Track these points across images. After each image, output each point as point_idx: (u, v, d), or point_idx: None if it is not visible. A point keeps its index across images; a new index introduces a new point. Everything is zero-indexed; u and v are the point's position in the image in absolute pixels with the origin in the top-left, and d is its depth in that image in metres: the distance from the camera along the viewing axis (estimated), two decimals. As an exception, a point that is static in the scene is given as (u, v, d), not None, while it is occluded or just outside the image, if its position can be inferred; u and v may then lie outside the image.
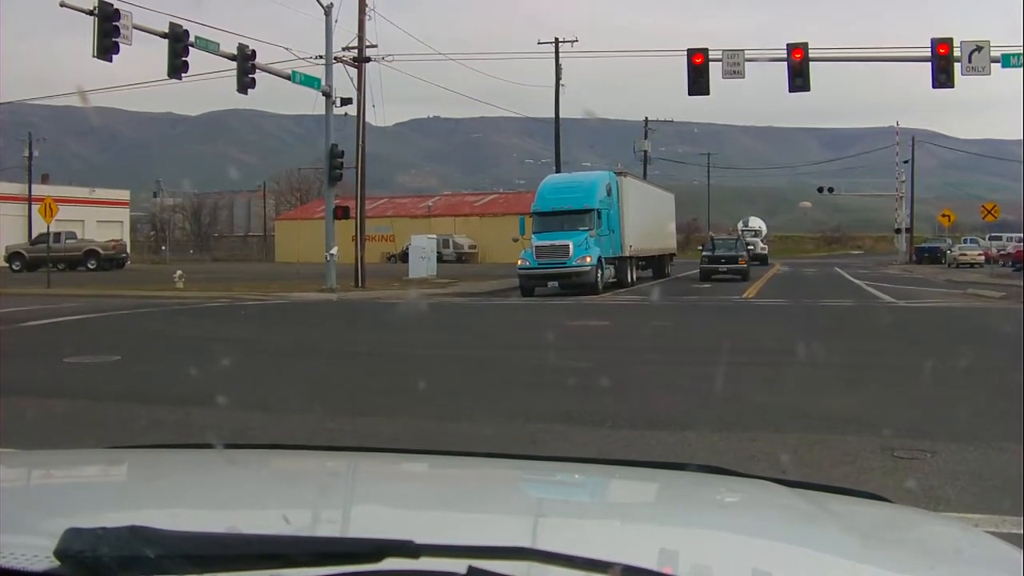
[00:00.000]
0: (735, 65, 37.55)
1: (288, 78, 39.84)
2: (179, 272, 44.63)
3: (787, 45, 37.07)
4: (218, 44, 35.96)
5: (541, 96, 66.62)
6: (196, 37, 34.81)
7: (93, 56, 31.88)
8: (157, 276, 51.18)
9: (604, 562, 1.60)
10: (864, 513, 2.63)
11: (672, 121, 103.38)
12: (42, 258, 72.09)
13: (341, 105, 42.45)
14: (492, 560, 1.60)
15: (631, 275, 46.36)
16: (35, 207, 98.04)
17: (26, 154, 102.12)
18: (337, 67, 42.43)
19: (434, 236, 60.24)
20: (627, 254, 45.62)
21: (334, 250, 42.58)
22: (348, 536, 1.98)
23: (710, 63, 37.49)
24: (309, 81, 41.08)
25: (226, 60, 36.26)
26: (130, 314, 29.25)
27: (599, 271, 40.83)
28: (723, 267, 52.08)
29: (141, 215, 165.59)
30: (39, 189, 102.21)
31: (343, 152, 42.49)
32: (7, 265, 73.99)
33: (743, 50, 37.72)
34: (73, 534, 1.60)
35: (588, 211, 41.66)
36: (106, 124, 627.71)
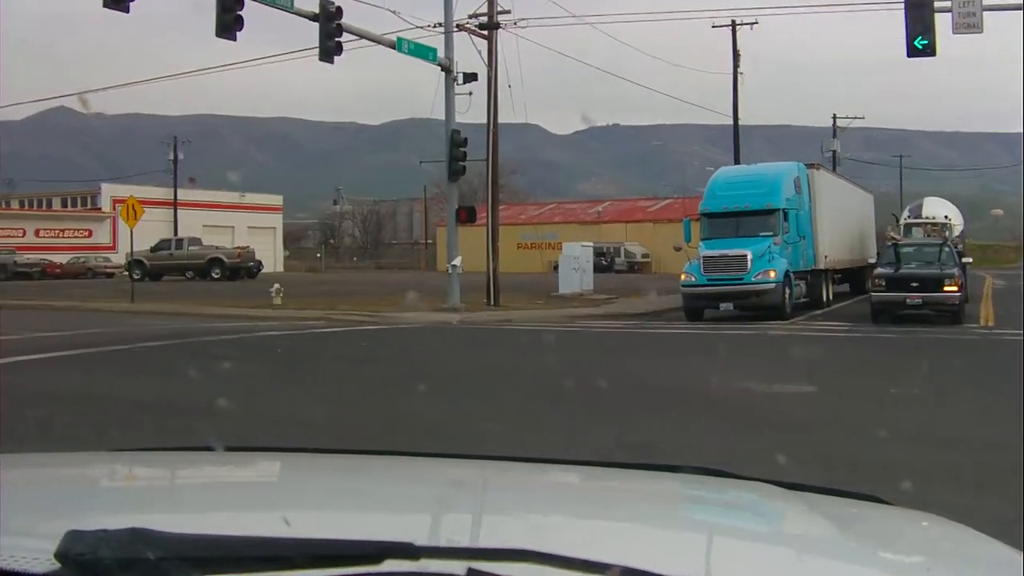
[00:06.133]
0: (969, 16, 28.45)
1: (392, 46, 32.13)
2: (276, 286, 37.43)
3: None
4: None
5: (722, 101, 57.89)
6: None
7: (216, 35, 27.81)
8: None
9: (602, 563, 1.62)
10: (861, 515, 2.65)
11: (863, 118, 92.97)
12: (164, 266, 66.95)
13: (464, 82, 34.61)
14: (492, 562, 1.61)
15: (827, 293, 36.82)
16: (181, 211, 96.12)
17: (170, 159, 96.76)
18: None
19: (590, 244, 51.45)
20: (822, 266, 35.98)
21: (457, 261, 34.69)
22: (348, 538, 1.77)
23: (935, 14, 28.43)
24: (421, 51, 33.34)
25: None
26: (151, 348, 21.85)
27: (786, 289, 31.71)
28: (916, 296, 29.15)
29: (315, 223, 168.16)
30: (186, 193, 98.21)
31: (466, 140, 34.63)
32: (127, 274, 68.13)
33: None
34: (74, 536, 1.59)
35: (772, 211, 32.64)
36: (289, 133, 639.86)
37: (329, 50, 29.83)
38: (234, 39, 27.84)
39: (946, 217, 45.83)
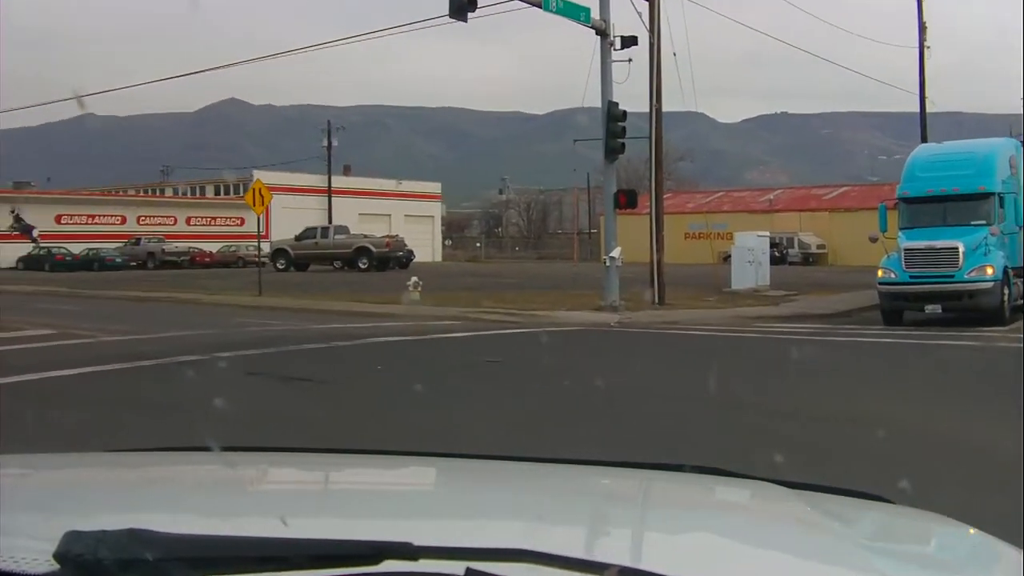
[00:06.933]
0: None
1: (538, 5, 27.79)
2: (413, 279, 33.64)
3: None
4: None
5: (893, 90, 52.69)
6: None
7: (448, 16, 27.46)
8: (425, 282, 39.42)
9: (601, 563, 1.62)
10: (864, 514, 2.63)
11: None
12: (309, 255, 64.09)
13: (623, 46, 30.14)
14: (490, 562, 1.60)
15: (1048, 293, 30.69)
16: (335, 199, 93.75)
17: (324, 145, 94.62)
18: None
19: (766, 234, 46.14)
20: (1043, 260, 29.89)
21: (615, 252, 30.22)
22: (346, 538, 1.77)
23: None
24: (571, 10, 28.87)
25: None
26: (198, 362, 17.29)
27: (1005, 288, 26.36)
28: None
29: (479, 212, 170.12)
30: (342, 181, 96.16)
31: (625, 113, 30.20)
32: (271, 263, 65.48)
33: None
34: (73, 537, 1.59)
35: (986, 196, 27.14)
36: (455, 124, 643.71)
37: (460, 6, 26.73)
38: (465, 20, 27.44)
39: None
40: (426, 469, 3.31)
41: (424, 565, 1.59)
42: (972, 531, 2.47)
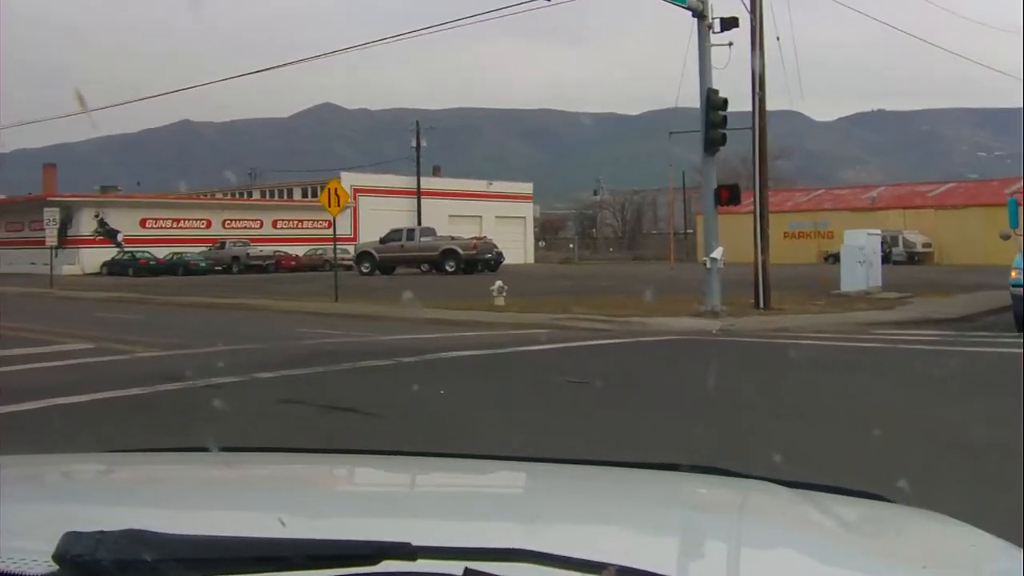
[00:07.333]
0: None
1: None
2: (498, 284, 31.26)
3: None
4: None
5: (993, 85, 50.23)
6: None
7: None
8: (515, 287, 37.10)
9: (600, 563, 1.61)
10: (864, 513, 2.60)
11: None
12: (394, 258, 62.27)
13: (722, 29, 27.52)
14: (489, 561, 1.60)
15: None
16: (425, 200, 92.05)
17: (413, 146, 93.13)
18: None
19: (877, 232, 42.93)
20: None
21: (717, 253, 27.63)
22: (345, 538, 1.75)
23: None
24: (668, -11, 26.42)
25: None
26: (227, 386, 14.73)
27: None
28: None
29: (573, 213, 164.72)
30: (432, 182, 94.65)
31: (726, 101, 27.56)
32: (356, 267, 63.75)
33: None
34: (71, 538, 1.58)
35: None
36: (549, 126, 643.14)
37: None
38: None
39: None
40: (424, 469, 3.22)
41: (422, 565, 1.58)
42: (972, 530, 2.39)
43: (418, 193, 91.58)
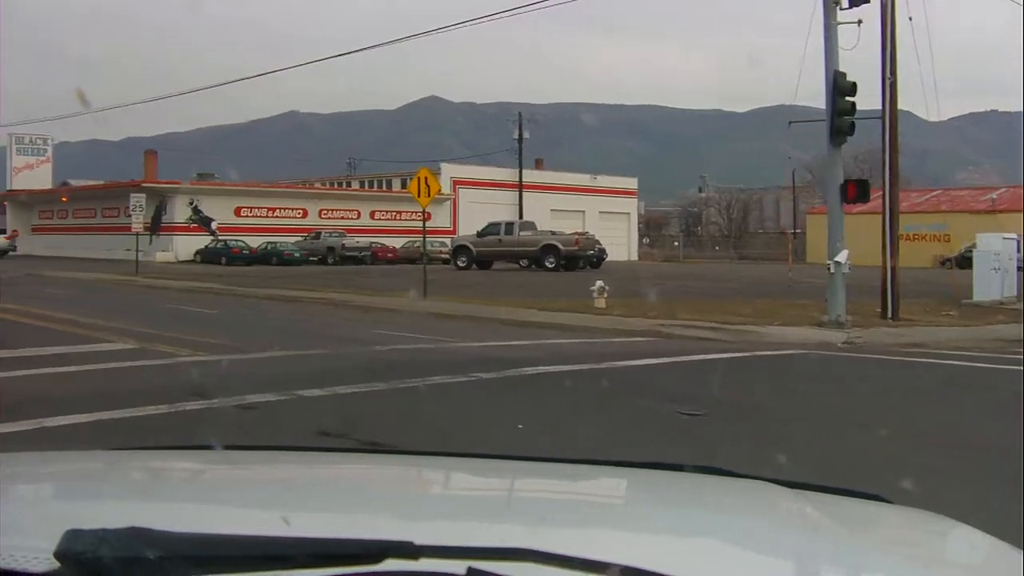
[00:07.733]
0: None
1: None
2: (599, 284, 28.80)
3: None
4: None
5: None
6: None
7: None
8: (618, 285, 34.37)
9: (602, 563, 1.62)
10: (865, 514, 2.60)
11: None
12: (492, 253, 60.29)
13: (851, 5, 24.67)
14: (492, 561, 1.61)
15: None
16: (526, 194, 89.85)
17: (515, 137, 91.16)
18: None
19: (1013, 236, 39.22)
20: None
21: (842, 256, 24.80)
22: (348, 537, 1.76)
23: None
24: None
25: None
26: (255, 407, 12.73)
27: None
28: None
29: (678, 210, 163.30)
30: (534, 175, 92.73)
31: (854, 86, 24.75)
32: (452, 260, 61.87)
33: None
34: (73, 535, 1.58)
35: None
36: (654, 121, 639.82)
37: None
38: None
39: None
40: (428, 468, 3.14)
41: (425, 564, 1.59)
42: (972, 531, 2.41)
43: (520, 186, 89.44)
